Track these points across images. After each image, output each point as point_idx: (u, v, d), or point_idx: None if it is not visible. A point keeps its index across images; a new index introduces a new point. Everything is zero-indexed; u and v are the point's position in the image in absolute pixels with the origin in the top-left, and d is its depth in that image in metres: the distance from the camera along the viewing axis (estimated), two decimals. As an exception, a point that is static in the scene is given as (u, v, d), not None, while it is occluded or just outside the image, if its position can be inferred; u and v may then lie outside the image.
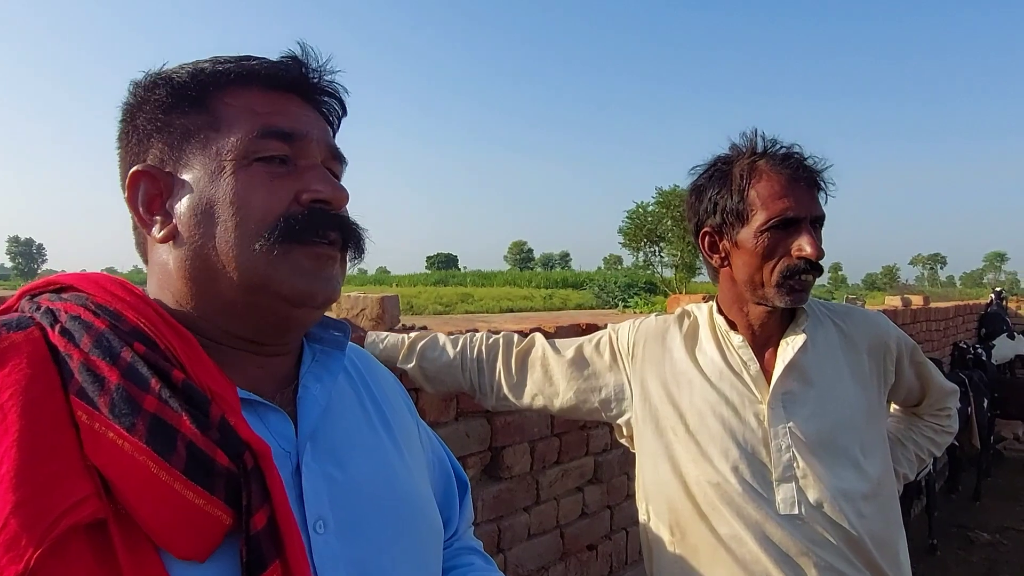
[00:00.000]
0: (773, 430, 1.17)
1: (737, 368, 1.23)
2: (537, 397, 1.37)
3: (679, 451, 1.22)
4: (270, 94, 0.68)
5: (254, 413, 0.63)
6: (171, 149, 0.65)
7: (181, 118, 0.66)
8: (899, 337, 1.33)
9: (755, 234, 1.17)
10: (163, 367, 0.55)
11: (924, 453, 1.46)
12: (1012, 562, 4.62)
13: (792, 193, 1.16)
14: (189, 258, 0.64)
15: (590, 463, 2.30)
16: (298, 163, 0.67)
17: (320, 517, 0.61)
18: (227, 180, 0.63)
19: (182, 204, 0.64)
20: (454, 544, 0.91)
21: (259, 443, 0.56)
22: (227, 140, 0.64)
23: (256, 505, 0.54)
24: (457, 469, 0.96)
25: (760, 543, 1.13)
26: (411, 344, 1.42)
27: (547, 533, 2.10)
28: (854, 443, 1.18)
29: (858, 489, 1.15)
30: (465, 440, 1.83)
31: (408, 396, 0.90)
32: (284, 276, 0.63)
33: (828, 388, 1.21)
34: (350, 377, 0.80)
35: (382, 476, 0.70)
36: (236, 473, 0.54)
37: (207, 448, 0.53)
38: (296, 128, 0.67)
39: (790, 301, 1.18)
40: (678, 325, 1.34)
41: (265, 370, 0.68)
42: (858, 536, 1.13)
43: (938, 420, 1.45)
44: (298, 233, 0.64)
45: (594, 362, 1.36)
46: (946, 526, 5.19)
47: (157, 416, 0.52)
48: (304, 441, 0.64)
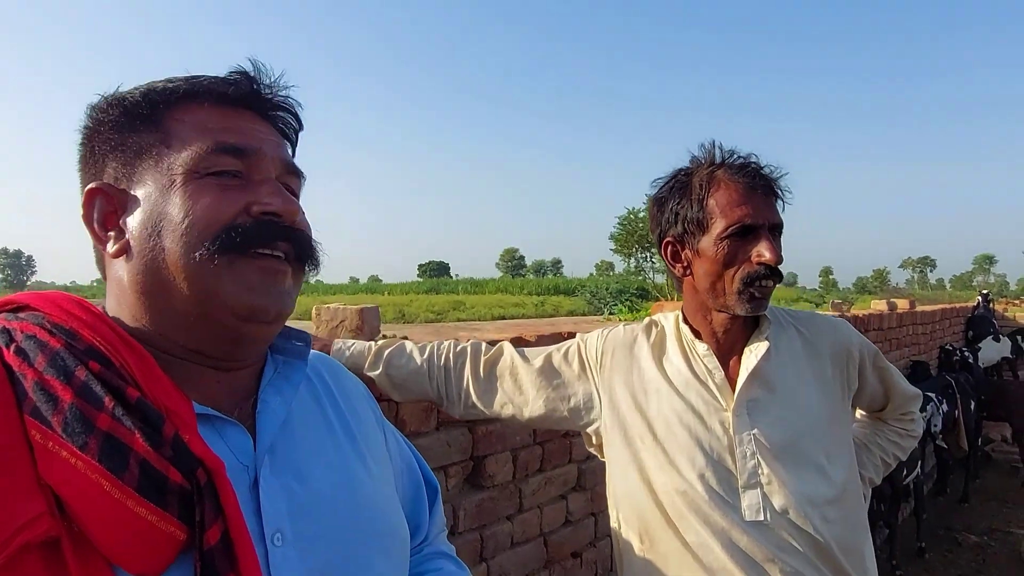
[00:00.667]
0: (738, 437, 1.19)
1: (703, 376, 1.25)
2: (506, 406, 1.38)
3: (647, 459, 1.23)
4: (222, 110, 0.70)
5: (212, 428, 0.64)
6: (125, 167, 0.67)
7: (134, 136, 0.67)
8: (861, 343, 1.35)
9: (715, 242, 1.20)
10: (117, 385, 0.56)
11: (889, 457, 1.48)
12: (999, 564, 4.65)
13: (750, 201, 1.19)
14: (141, 271, 0.65)
15: (573, 471, 2.31)
16: (252, 178, 0.68)
17: (278, 530, 0.62)
18: (177, 193, 0.65)
19: (134, 219, 0.65)
20: (424, 549, 0.91)
21: (212, 459, 0.58)
22: (179, 155, 0.66)
23: (209, 520, 0.55)
24: (427, 474, 0.97)
25: (727, 550, 1.14)
26: (377, 351, 1.42)
27: (531, 541, 2.10)
28: (818, 449, 1.20)
29: (823, 494, 1.17)
30: (446, 449, 1.84)
31: (375, 403, 0.91)
32: (231, 289, 0.64)
33: (791, 395, 1.23)
34: (313, 387, 0.80)
35: (344, 486, 0.71)
36: (189, 489, 0.55)
37: (160, 465, 0.54)
38: (248, 144, 0.68)
39: (750, 308, 1.20)
40: (646, 335, 1.36)
41: (223, 384, 0.69)
42: (824, 542, 1.15)
43: (902, 424, 1.48)
44: (241, 244, 0.64)
45: (563, 371, 1.37)
46: (934, 528, 5.22)
47: (110, 434, 0.53)
48: (262, 455, 0.65)
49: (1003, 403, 6.57)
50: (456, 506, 1.84)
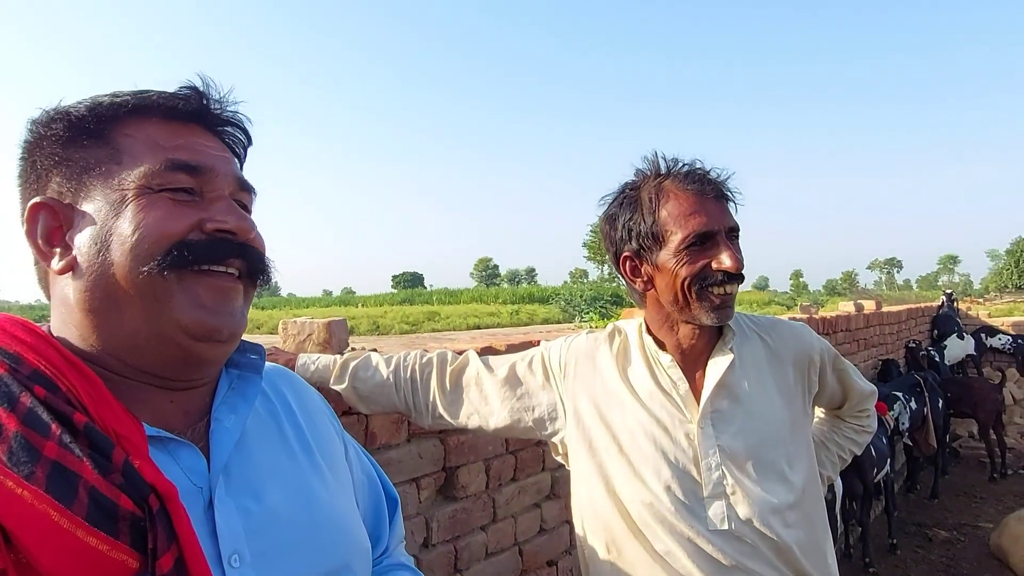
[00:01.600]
0: (703, 449, 1.19)
1: (667, 388, 1.25)
2: (472, 416, 1.37)
3: (612, 470, 1.23)
4: (172, 125, 0.69)
5: (164, 450, 0.63)
6: (70, 182, 0.65)
7: (80, 151, 0.66)
8: (822, 348, 1.37)
9: (674, 253, 1.19)
10: (64, 411, 0.55)
11: (846, 453, 1.52)
12: (969, 558, 4.74)
13: (703, 208, 1.18)
14: (89, 288, 0.63)
15: (547, 479, 2.31)
16: (204, 195, 0.68)
17: (235, 551, 0.62)
18: (128, 208, 0.63)
19: (83, 235, 0.64)
20: (383, 561, 0.91)
21: (165, 485, 0.56)
22: (131, 171, 0.65)
23: (162, 548, 0.54)
24: (387, 486, 0.96)
25: (692, 558, 1.15)
26: (343, 364, 1.41)
27: (505, 551, 2.09)
28: (780, 457, 1.21)
29: (784, 501, 1.18)
30: (418, 461, 1.82)
31: (335, 416, 0.90)
32: (182, 307, 0.63)
33: (755, 405, 1.23)
34: (269, 401, 0.79)
35: (301, 502, 0.70)
36: (141, 516, 0.54)
37: (110, 493, 0.53)
38: (202, 161, 0.68)
39: (716, 318, 1.20)
40: (608, 343, 1.35)
41: (176, 404, 0.68)
42: (786, 545, 1.16)
43: (858, 421, 1.51)
44: (192, 260, 0.64)
45: (527, 381, 1.36)
46: (905, 525, 5.31)
47: (58, 463, 0.52)
48: (216, 475, 0.64)
49: (969, 400, 6.73)
50: (429, 518, 1.83)
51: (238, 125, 0.75)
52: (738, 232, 1.23)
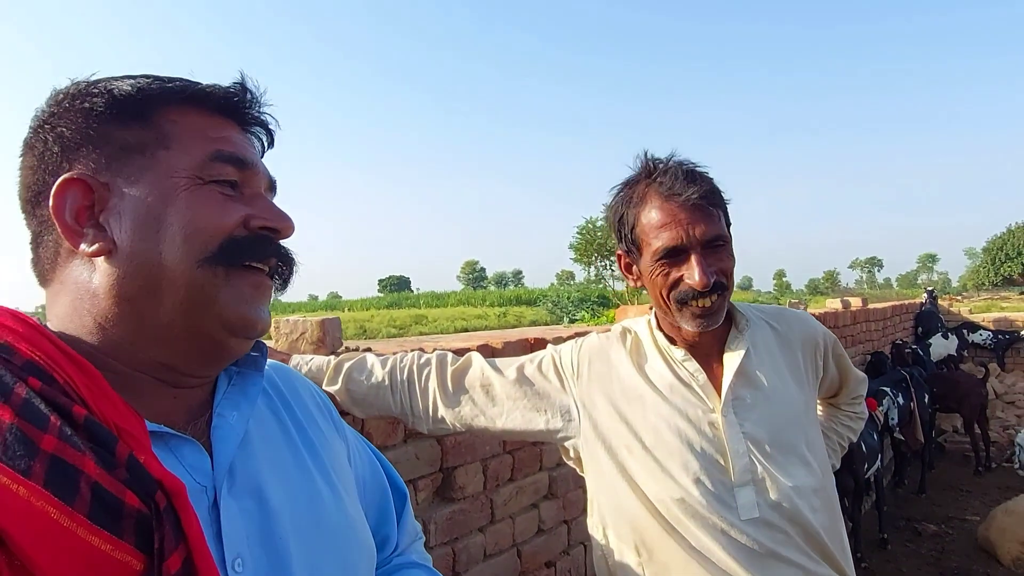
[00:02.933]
0: (729, 437, 1.18)
1: (686, 380, 1.24)
2: (478, 418, 1.33)
3: (636, 469, 1.21)
4: (214, 118, 0.68)
5: (165, 447, 0.60)
6: (108, 160, 0.62)
7: (121, 131, 0.63)
8: (824, 333, 1.39)
9: (650, 263, 1.20)
10: (62, 403, 0.51)
11: (844, 440, 1.55)
12: (958, 551, 4.79)
13: (675, 220, 1.16)
14: (128, 275, 0.61)
15: (544, 479, 2.28)
16: (244, 191, 0.67)
17: (238, 555, 0.59)
18: (181, 197, 0.62)
19: (124, 218, 0.61)
20: (394, 560, 0.88)
21: (172, 481, 0.53)
22: (181, 159, 0.63)
23: (170, 548, 0.51)
24: (394, 480, 0.93)
25: (727, 550, 1.13)
26: (337, 365, 1.37)
27: (504, 552, 2.06)
28: (800, 439, 1.21)
29: (809, 484, 1.18)
30: (415, 462, 1.79)
31: (333, 408, 0.87)
32: (228, 300, 0.63)
33: (772, 390, 1.23)
34: (269, 399, 0.77)
35: (305, 504, 0.69)
36: (147, 514, 0.51)
37: (114, 489, 0.50)
38: (247, 156, 0.68)
39: (696, 326, 1.20)
40: (621, 342, 1.34)
41: (179, 400, 0.66)
42: (813, 529, 1.16)
43: (853, 408, 1.55)
44: (240, 256, 0.64)
45: (538, 383, 1.33)
46: (894, 519, 5.35)
47: (57, 457, 0.48)
48: (221, 474, 0.62)
49: (954, 395, 6.83)
50: (426, 520, 1.80)
51: (266, 127, 0.74)
52: (722, 240, 1.19)
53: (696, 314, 1.18)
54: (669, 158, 1.22)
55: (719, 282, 1.17)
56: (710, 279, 1.15)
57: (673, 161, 1.22)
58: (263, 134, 0.74)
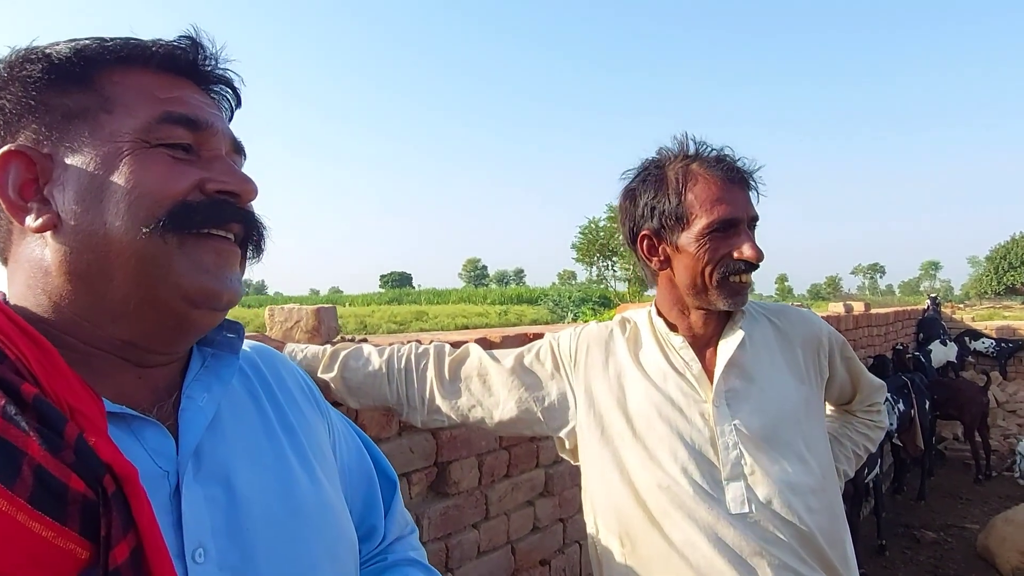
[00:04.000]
0: (719, 428, 1.16)
1: (680, 369, 1.23)
2: (475, 409, 1.31)
3: (627, 457, 1.19)
4: (164, 77, 0.63)
5: (127, 429, 0.57)
6: (49, 130, 0.59)
7: (60, 97, 0.59)
8: (830, 333, 1.35)
9: (697, 238, 1.18)
10: (11, 380, 0.48)
11: (860, 449, 1.48)
12: (957, 559, 4.75)
13: (729, 195, 1.18)
14: (76, 249, 0.57)
15: (540, 476, 2.26)
16: (201, 153, 0.63)
17: (200, 544, 0.56)
18: (124, 163, 0.58)
19: (67, 190, 0.58)
20: (388, 557, 0.84)
21: (123, 464, 0.50)
22: (124, 122, 0.59)
23: (117, 536, 0.48)
24: (384, 468, 0.89)
25: (713, 545, 1.10)
26: (333, 353, 1.35)
27: (498, 550, 2.03)
28: (797, 436, 1.18)
29: (805, 483, 1.15)
30: (409, 456, 1.76)
31: (317, 390, 0.83)
32: (184, 270, 0.59)
33: (768, 383, 1.21)
34: (249, 381, 0.73)
35: (278, 491, 0.65)
36: (94, 500, 0.47)
37: (58, 472, 0.46)
38: (201, 116, 0.63)
39: (732, 304, 1.20)
40: (620, 330, 1.33)
41: (144, 380, 0.62)
42: (809, 531, 1.12)
43: (870, 416, 1.48)
44: (196, 222, 0.59)
45: (536, 371, 1.32)
46: (893, 526, 5.31)
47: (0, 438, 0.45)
48: (185, 459, 0.59)
49: (955, 402, 6.77)
50: (420, 515, 1.77)
51: (230, 84, 0.69)
52: (757, 222, 1.22)
53: (736, 290, 1.19)
54: (704, 143, 1.24)
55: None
56: (761, 253, 1.17)
57: (712, 145, 1.24)
58: (228, 92, 0.69)
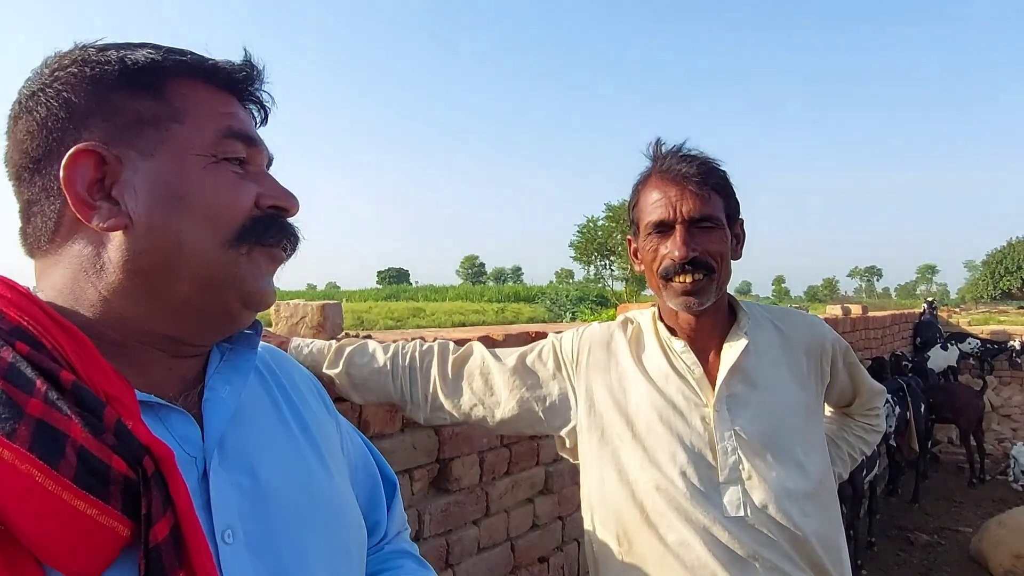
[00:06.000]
0: (719, 433, 1.17)
1: (682, 372, 1.23)
2: (476, 407, 1.32)
3: (626, 457, 1.20)
4: (220, 93, 0.67)
5: (154, 416, 0.59)
6: (120, 132, 0.61)
7: (132, 102, 0.61)
8: (834, 338, 1.35)
9: (643, 240, 1.24)
10: (50, 368, 0.50)
11: (856, 452, 1.50)
12: (950, 562, 4.79)
13: (665, 197, 1.20)
14: (145, 251, 0.60)
15: (540, 473, 2.27)
16: (249, 168, 0.67)
17: (228, 526, 0.59)
18: (199, 175, 0.62)
19: (139, 194, 0.60)
20: (384, 548, 0.88)
21: (160, 447, 0.52)
22: (194, 135, 0.63)
23: (157, 514, 0.50)
24: (385, 470, 0.93)
25: (708, 547, 1.12)
26: (338, 349, 1.36)
27: (497, 546, 2.04)
28: (796, 443, 1.19)
29: (801, 488, 1.16)
30: (412, 452, 1.77)
31: (326, 394, 0.87)
32: (248, 275, 0.64)
33: (770, 389, 1.22)
34: (263, 378, 0.76)
35: (297, 481, 0.68)
36: (134, 480, 0.50)
37: (101, 453, 0.48)
38: (254, 133, 0.68)
39: (681, 304, 1.20)
40: (622, 331, 1.34)
41: (173, 371, 0.65)
42: (803, 536, 1.13)
43: (868, 420, 1.49)
44: (261, 236, 0.65)
45: (538, 370, 1.33)
46: (887, 528, 5.34)
47: (43, 420, 0.47)
48: (211, 446, 0.61)
49: (951, 406, 6.81)
50: (421, 511, 1.78)
51: (264, 105, 0.73)
52: (713, 222, 1.20)
53: (679, 291, 1.19)
54: (673, 148, 1.25)
55: (703, 260, 1.17)
56: (688, 252, 1.16)
57: (675, 145, 1.25)
58: (257, 110, 0.74)
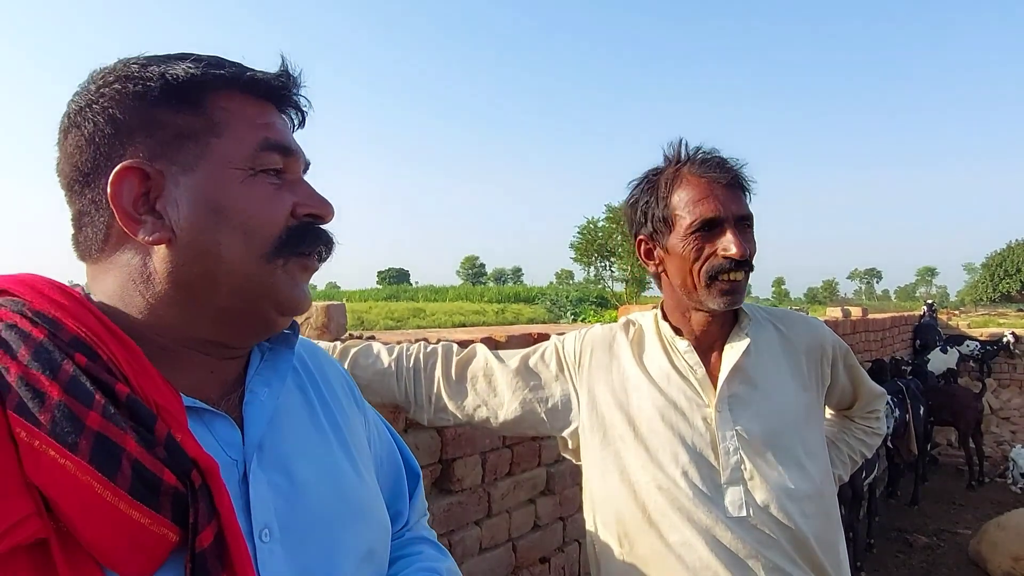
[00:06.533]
0: (721, 433, 1.18)
1: (684, 372, 1.24)
2: (480, 409, 1.33)
3: (628, 458, 1.21)
4: (257, 102, 0.68)
5: (200, 421, 0.63)
6: (162, 147, 0.62)
7: (174, 116, 0.63)
8: (835, 341, 1.37)
9: (682, 238, 1.21)
10: (106, 380, 0.54)
11: (856, 455, 1.51)
12: (949, 564, 4.80)
13: (712, 195, 1.20)
14: (187, 263, 0.62)
15: (542, 474, 2.28)
16: (286, 176, 0.68)
17: (266, 526, 0.62)
18: (237, 189, 0.64)
19: (181, 208, 0.62)
20: (405, 535, 0.91)
21: (207, 460, 0.56)
22: (233, 148, 0.64)
23: (203, 523, 0.54)
24: (409, 459, 0.96)
25: (710, 547, 1.13)
26: (343, 350, 1.37)
27: (499, 547, 2.06)
28: (797, 443, 1.21)
29: (802, 489, 1.17)
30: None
31: (356, 390, 0.89)
32: (283, 285, 0.66)
33: (771, 390, 1.23)
34: (298, 376, 0.79)
35: (329, 480, 0.71)
36: (183, 491, 0.54)
37: (153, 467, 0.53)
38: (290, 143, 0.69)
39: (723, 303, 1.20)
40: (624, 333, 1.35)
41: (216, 374, 0.68)
42: (803, 536, 1.15)
43: (868, 422, 1.50)
44: (297, 247, 0.67)
45: (540, 372, 1.34)
46: (886, 530, 5.36)
47: (101, 434, 0.51)
48: (251, 449, 0.65)
49: (950, 408, 6.83)
50: (424, 511, 1.79)
51: (301, 111, 0.74)
52: (750, 220, 1.24)
53: (724, 290, 1.19)
54: (698, 148, 1.27)
55: (748, 260, 1.20)
56: (746, 250, 1.18)
57: (699, 147, 1.27)
58: (295, 114, 0.74)
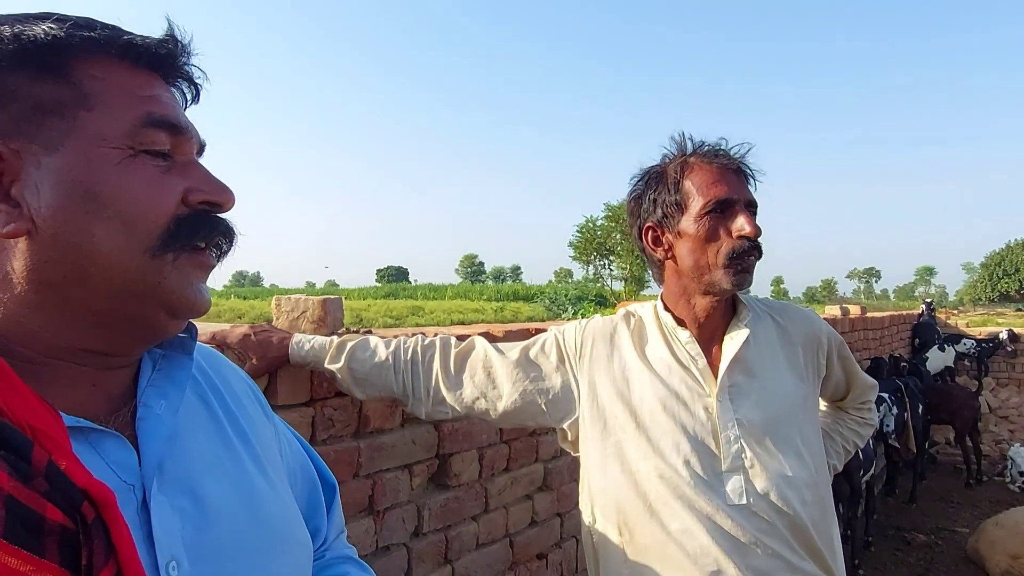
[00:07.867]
0: (722, 422, 1.20)
1: (685, 363, 1.25)
2: (479, 401, 1.33)
3: (629, 448, 1.22)
4: (139, 72, 0.58)
5: (86, 442, 0.53)
6: (17, 122, 0.52)
7: (32, 86, 0.53)
8: (829, 332, 1.39)
9: (695, 220, 1.22)
10: None
11: (850, 445, 1.54)
12: (947, 562, 4.80)
13: (724, 179, 1.23)
14: (52, 259, 0.53)
15: (540, 470, 2.27)
16: (176, 158, 0.59)
17: (173, 558, 0.54)
18: (113, 171, 0.54)
19: (42, 194, 0.52)
20: (325, 554, 0.84)
21: (99, 488, 0.47)
22: (107, 124, 0.55)
23: (99, 564, 0.46)
24: (323, 471, 0.88)
25: (711, 534, 1.14)
26: (340, 344, 1.36)
27: (496, 542, 2.05)
28: (795, 432, 1.23)
29: (800, 476, 1.19)
30: (412, 447, 1.78)
31: (261, 395, 0.80)
32: (174, 284, 0.57)
33: (770, 380, 1.25)
34: (198, 384, 0.70)
35: (243, 500, 0.63)
36: (72, 529, 0.45)
37: (33, 503, 0.44)
38: (180, 120, 0.60)
39: (736, 283, 1.22)
40: (625, 324, 1.36)
41: (100, 387, 0.59)
42: (801, 523, 1.17)
43: (860, 413, 1.54)
44: (188, 239, 0.58)
45: (541, 363, 1.34)
46: (884, 528, 5.36)
47: None
48: (150, 471, 0.56)
49: (948, 407, 6.84)
50: (421, 506, 1.78)
51: (194, 81, 0.64)
52: (756, 207, 1.26)
53: (738, 269, 1.21)
54: (702, 142, 1.29)
55: (759, 242, 1.23)
56: (759, 229, 1.20)
57: (708, 141, 1.29)
58: (187, 87, 0.64)
